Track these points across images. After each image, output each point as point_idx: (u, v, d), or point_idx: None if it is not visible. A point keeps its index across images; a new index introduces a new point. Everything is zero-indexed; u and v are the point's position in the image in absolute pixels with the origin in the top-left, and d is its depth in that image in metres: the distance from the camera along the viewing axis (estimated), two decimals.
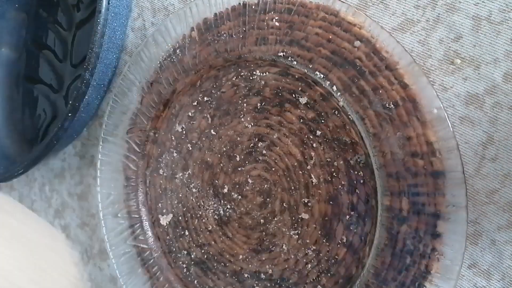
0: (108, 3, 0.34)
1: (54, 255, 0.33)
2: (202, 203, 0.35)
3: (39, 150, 0.40)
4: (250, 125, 0.32)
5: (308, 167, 0.29)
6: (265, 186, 0.32)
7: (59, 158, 0.47)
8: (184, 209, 0.36)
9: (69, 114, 0.37)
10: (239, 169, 0.33)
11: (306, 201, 0.30)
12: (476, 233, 0.25)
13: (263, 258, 0.32)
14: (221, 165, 0.34)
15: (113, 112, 0.38)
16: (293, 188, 0.30)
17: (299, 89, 0.29)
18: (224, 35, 0.31)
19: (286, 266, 0.31)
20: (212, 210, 0.35)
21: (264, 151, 0.31)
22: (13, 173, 0.42)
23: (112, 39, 0.36)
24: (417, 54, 0.26)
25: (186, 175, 0.36)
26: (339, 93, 0.27)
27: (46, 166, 0.49)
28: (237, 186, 0.33)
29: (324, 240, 0.29)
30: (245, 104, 0.32)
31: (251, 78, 0.31)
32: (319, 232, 0.29)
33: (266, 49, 0.29)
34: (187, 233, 0.36)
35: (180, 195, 0.36)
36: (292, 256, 0.31)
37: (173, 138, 0.36)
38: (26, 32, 0.47)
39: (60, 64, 0.45)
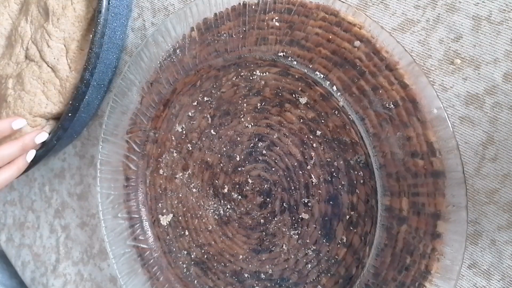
0: (108, 3, 0.34)
1: None
2: (202, 203, 0.35)
3: (39, 150, 0.40)
4: (250, 125, 0.32)
5: (308, 167, 0.29)
6: (265, 186, 0.32)
7: (59, 158, 0.47)
8: (184, 209, 0.36)
9: (69, 114, 0.37)
10: (239, 169, 0.33)
11: (306, 201, 0.30)
12: (476, 233, 0.25)
13: (263, 258, 0.32)
14: (221, 165, 0.34)
15: (113, 112, 0.38)
16: (293, 188, 0.30)
17: (299, 89, 0.29)
18: (224, 35, 0.31)
19: (286, 266, 0.31)
20: (212, 210, 0.35)
21: (264, 151, 0.31)
22: None
23: (112, 39, 0.36)
24: (417, 54, 0.26)
25: (186, 175, 0.36)
26: (339, 93, 0.27)
27: (46, 166, 0.49)
28: (237, 186, 0.33)
29: (324, 240, 0.29)
30: (245, 104, 0.32)
31: (251, 78, 0.31)
32: (319, 232, 0.29)
33: (266, 49, 0.29)
34: (187, 233, 0.36)
35: (180, 195, 0.36)
36: (292, 256, 0.31)
37: (173, 138, 0.36)
38: None
39: None
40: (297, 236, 0.30)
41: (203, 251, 0.35)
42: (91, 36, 0.35)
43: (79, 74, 0.37)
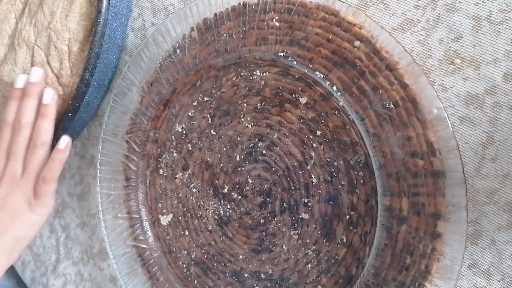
0: (108, 3, 0.34)
1: None
2: (202, 203, 0.35)
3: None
4: (250, 125, 0.32)
5: (308, 167, 0.29)
6: (265, 186, 0.32)
7: None
8: (184, 209, 0.36)
9: (69, 114, 0.37)
10: (239, 169, 0.33)
11: (306, 201, 0.30)
12: (476, 233, 0.25)
13: (263, 258, 0.32)
14: (221, 165, 0.34)
15: (113, 112, 0.38)
16: (293, 188, 0.30)
17: (299, 89, 0.29)
18: (224, 35, 0.31)
19: (286, 266, 0.31)
20: (212, 210, 0.35)
21: (264, 151, 0.31)
22: None
23: (112, 39, 0.36)
24: (417, 54, 0.26)
25: (186, 175, 0.36)
26: (339, 93, 0.27)
27: None
28: (237, 186, 0.33)
29: (324, 240, 0.29)
30: (245, 104, 0.32)
31: (251, 78, 0.31)
32: (319, 232, 0.29)
33: (266, 49, 0.29)
34: (187, 233, 0.36)
35: (180, 195, 0.36)
36: (292, 256, 0.31)
37: (173, 138, 0.36)
38: None
39: None
40: (297, 236, 0.30)
41: (203, 251, 0.35)
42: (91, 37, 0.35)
43: (80, 77, 0.37)
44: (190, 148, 0.35)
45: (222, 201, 0.34)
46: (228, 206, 0.34)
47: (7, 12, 0.41)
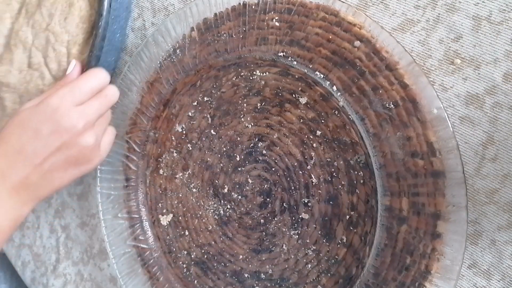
0: (109, 6, 0.34)
1: None
2: (202, 203, 0.35)
3: None
4: (250, 125, 0.32)
5: (308, 167, 0.29)
6: (265, 186, 0.32)
7: None
8: (184, 209, 0.36)
9: None
10: (239, 169, 0.33)
11: (306, 201, 0.30)
12: (476, 233, 0.25)
13: (263, 258, 0.32)
14: (221, 165, 0.34)
15: (113, 112, 0.38)
16: (293, 188, 0.30)
17: (299, 89, 0.29)
18: (224, 35, 0.31)
19: (286, 266, 0.31)
20: (212, 210, 0.35)
21: (264, 151, 0.31)
22: None
23: (111, 42, 0.36)
24: (417, 54, 0.26)
25: (186, 175, 0.36)
26: (339, 93, 0.27)
27: None
28: (237, 186, 0.33)
29: (324, 240, 0.29)
30: (245, 104, 0.32)
31: (251, 78, 0.31)
32: (319, 232, 0.29)
33: (266, 49, 0.29)
34: (187, 233, 0.36)
35: (180, 195, 0.36)
36: (292, 256, 0.31)
37: (173, 138, 0.36)
38: None
39: None
40: (297, 236, 0.30)
41: (203, 251, 0.35)
42: (91, 39, 0.35)
43: None
44: (190, 148, 0.35)
45: (222, 201, 0.34)
46: (228, 206, 0.34)
47: (2, 12, 0.41)
